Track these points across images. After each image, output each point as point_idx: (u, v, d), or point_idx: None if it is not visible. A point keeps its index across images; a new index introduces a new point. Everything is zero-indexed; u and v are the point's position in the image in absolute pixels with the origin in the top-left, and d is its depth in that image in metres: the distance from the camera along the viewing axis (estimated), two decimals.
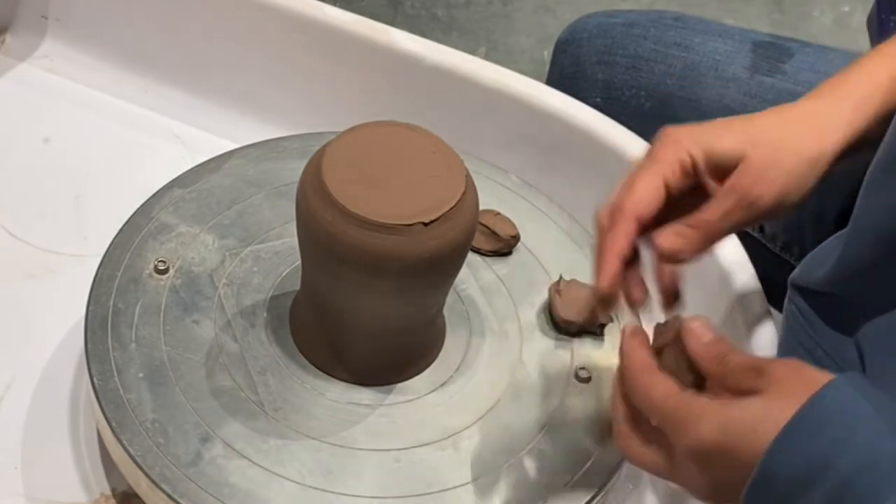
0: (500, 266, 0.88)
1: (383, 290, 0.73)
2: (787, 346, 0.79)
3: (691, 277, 0.91)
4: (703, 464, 0.60)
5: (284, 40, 1.06)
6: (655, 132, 0.98)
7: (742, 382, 0.60)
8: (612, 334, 0.84)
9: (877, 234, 0.69)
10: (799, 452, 0.55)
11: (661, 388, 0.63)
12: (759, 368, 0.60)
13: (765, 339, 0.83)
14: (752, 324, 0.84)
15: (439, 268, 0.73)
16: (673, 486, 0.66)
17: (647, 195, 0.70)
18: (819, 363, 0.74)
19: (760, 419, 0.58)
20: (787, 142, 0.71)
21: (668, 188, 0.71)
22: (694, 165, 0.71)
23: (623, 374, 0.66)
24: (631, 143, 0.95)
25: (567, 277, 0.86)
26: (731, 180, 0.70)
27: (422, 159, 0.73)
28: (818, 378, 0.58)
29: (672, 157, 0.71)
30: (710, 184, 0.71)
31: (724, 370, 0.62)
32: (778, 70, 0.97)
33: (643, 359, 0.65)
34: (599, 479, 0.76)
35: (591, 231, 0.92)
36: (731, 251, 0.88)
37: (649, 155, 0.72)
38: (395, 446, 0.76)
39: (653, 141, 0.73)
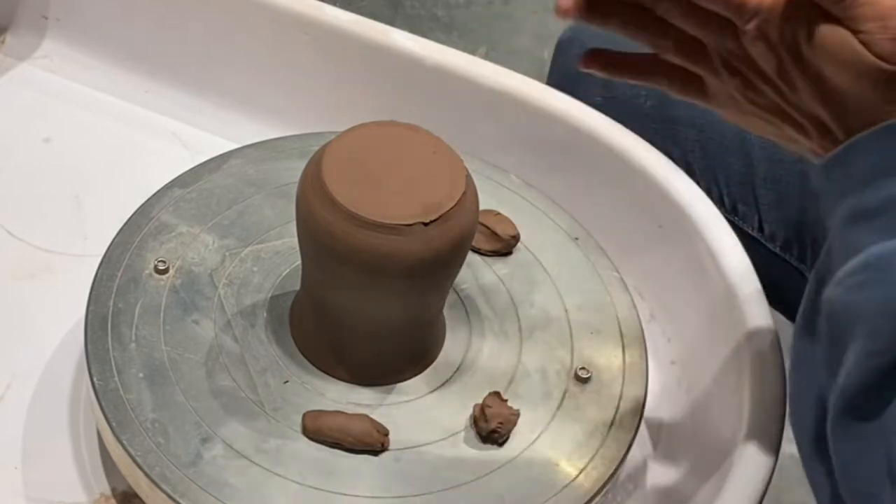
0: (500, 266, 0.88)
1: (383, 290, 0.73)
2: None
3: (690, 276, 0.91)
4: None
5: (284, 40, 1.05)
6: (656, 132, 0.98)
7: None
8: (612, 333, 0.84)
9: None
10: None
11: None
12: None
13: (765, 339, 0.82)
14: (753, 324, 0.84)
15: (439, 268, 0.73)
16: None
17: None
18: None
19: None
20: None
21: None
22: None
23: None
24: (632, 144, 0.95)
25: (567, 277, 0.86)
26: None
27: (422, 159, 0.73)
28: None
29: None
30: None
31: None
32: None
33: None
34: (600, 478, 0.76)
35: (590, 231, 0.92)
36: (731, 251, 0.88)
37: None
38: (395, 446, 0.75)
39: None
